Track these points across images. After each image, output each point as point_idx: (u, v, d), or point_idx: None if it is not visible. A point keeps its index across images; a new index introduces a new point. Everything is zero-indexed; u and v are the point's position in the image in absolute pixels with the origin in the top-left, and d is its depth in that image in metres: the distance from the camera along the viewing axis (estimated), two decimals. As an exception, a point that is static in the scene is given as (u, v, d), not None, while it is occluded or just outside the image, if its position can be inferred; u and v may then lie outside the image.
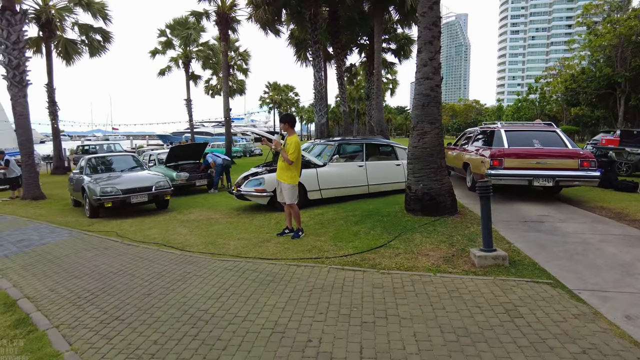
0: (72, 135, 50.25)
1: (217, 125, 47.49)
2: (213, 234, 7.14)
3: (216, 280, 4.79)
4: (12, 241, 7.51)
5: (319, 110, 17.00)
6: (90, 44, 21.39)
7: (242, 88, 36.04)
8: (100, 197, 8.95)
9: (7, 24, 12.53)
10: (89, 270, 5.49)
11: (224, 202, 10.64)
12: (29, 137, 13.07)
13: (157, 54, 28.65)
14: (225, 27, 21.34)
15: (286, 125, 6.37)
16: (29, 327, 3.89)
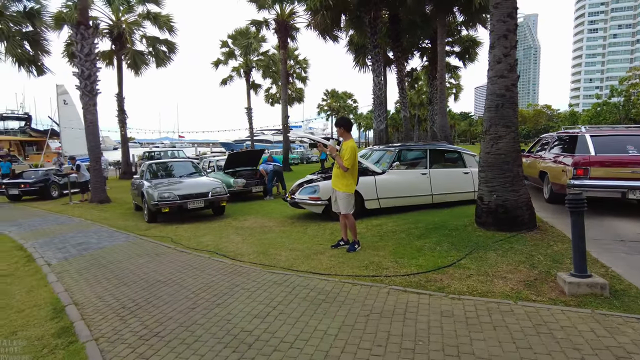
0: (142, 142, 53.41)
1: (276, 133, 48.26)
2: (265, 243, 6.82)
3: (264, 296, 4.40)
4: (73, 244, 7.68)
5: (377, 116, 16.41)
6: (156, 55, 22.43)
7: (300, 96, 36.22)
8: (158, 202, 9.01)
9: (81, 38, 13.28)
10: (137, 278, 5.35)
11: (279, 209, 10.38)
12: (97, 144, 13.73)
13: (219, 64, 29.56)
14: (284, 35, 21.47)
15: (342, 130, 5.91)
16: (70, 338, 3.71)
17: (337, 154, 5.83)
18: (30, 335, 3.84)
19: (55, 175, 16.80)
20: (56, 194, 16.28)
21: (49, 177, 16.46)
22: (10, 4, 17.93)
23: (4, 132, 36.73)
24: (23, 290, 5.18)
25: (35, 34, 18.93)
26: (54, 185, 16.33)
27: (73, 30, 13.80)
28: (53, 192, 16.23)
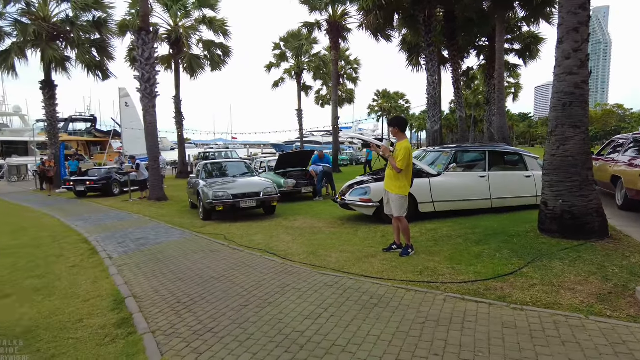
0: (198, 143, 55.51)
1: (325, 134, 48.38)
2: (315, 244, 6.78)
3: (315, 297, 4.35)
4: (132, 239, 8.05)
5: (432, 116, 15.97)
6: (211, 59, 23.22)
7: (351, 97, 36.09)
8: (212, 200, 9.26)
9: (143, 43, 13.97)
10: (192, 274, 5.48)
11: (328, 210, 10.33)
12: (156, 144, 14.39)
13: (272, 67, 30.11)
14: (335, 36, 21.48)
15: (395, 129, 5.74)
16: (130, 329, 3.84)
17: (390, 154, 5.67)
18: (94, 324, 4.03)
19: (117, 173, 17.80)
20: (117, 191, 17.24)
21: (111, 175, 17.48)
22: (81, 15, 19.28)
23: (72, 133, 39.42)
24: (88, 281, 5.47)
25: (102, 41, 20.28)
26: (115, 182, 17.32)
27: (135, 36, 14.56)
28: (114, 190, 17.20)
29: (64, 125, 35.80)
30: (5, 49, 18.88)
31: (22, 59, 19.22)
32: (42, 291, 5.13)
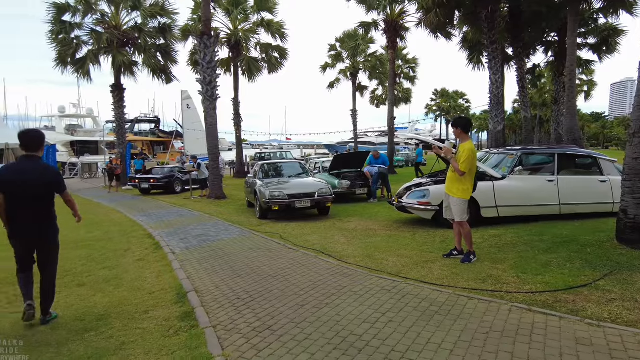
0: (254, 144, 56.98)
1: (380, 134, 47.84)
2: (371, 247, 6.69)
3: (372, 301, 4.27)
4: (194, 235, 8.37)
5: (494, 116, 15.26)
6: (269, 61, 23.72)
7: (407, 97, 35.44)
8: (269, 200, 9.43)
9: (204, 47, 14.54)
10: (250, 271, 5.59)
11: (383, 213, 10.17)
12: (216, 144, 14.93)
13: (327, 67, 30.19)
14: (393, 35, 21.18)
15: (459, 130, 5.52)
16: (192, 322, 3.97)
17: (452, 156, 5.47)
18: (158, 316, 4.21)
19: (179, 172, 18.66)
20: (179, 189, 18.08)
21: (173, 174, 18.37)
22: (148, 22, 20.46)
23: (137, 134, 41.89)
24: (153, 275, 5.74)
25: (166, 46, 21.40)
26: (177, 181, 18.18)
27: (197, 40, 15.19)
28: (176, 188, 18.06)
29: (130, 126, 38.07)
30: (82, 57, 20.42)
31: (96, 65, 20.71)
32: (112, 282, 5.46)
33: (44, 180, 4.04)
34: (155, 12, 20.10)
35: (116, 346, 3.58)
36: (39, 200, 4.03)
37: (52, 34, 19.50)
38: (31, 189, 3.96)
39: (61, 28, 19.49)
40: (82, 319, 4.22)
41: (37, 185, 3.99)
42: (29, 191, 3.96)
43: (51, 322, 4.12)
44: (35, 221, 4.03)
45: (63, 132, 39.30)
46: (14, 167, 4.18)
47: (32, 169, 4.01)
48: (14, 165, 4.23)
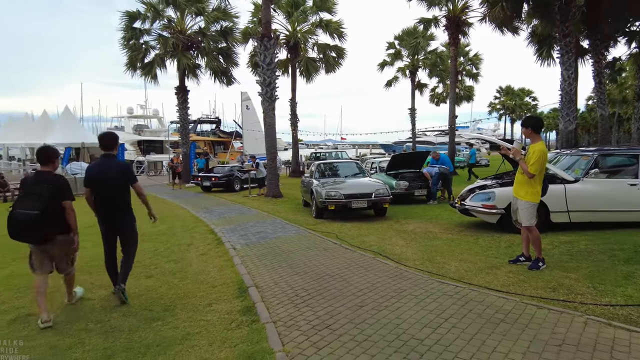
0: (308, 143, 57.64)
1: (439, 134, 46.51)
2: (431, 250, 6.50)
3: (434, 306, 4.14)
4: (253, 232, 8.58)
5: (565, 115, 14.24)
6: (326, 61, 23.86)
7: (470, 94, 34.25)
8: (325, 199, 9.46)
9: (264, 49, 14.87)
10: (308, 269, 5.63)
11: (444, 215, 9.85)
12: (274, 144, 15.23)
13: (385, 65, 29.86)
14: (455, 31, 20.46)
15: (529, 130, 5.22)
16: (253, 317, 4.06)
17: (521, 158, 5.17)
18: (221, 309, 4.35)
19: (238, 171, 19.26)
20: (238, 187, 18.69)
21: (233, 173, 19.02)
22: (211, 25, 21.32)
23: (199, 134, 43.75)
24: (215, 269, 5.95)
25: (228, 49, 22.17)
26: (236, 179, 18.79)
27: (257, 42, 15.56)
28: (236, 186, 18.68)
29: (193, 126, 39.81)
30: (149, 61, 21.70)
31: (162, 68, 21.91)
32: (177, 275, 5.72)
33: (119, 175, 4.64)
34: (218, 16, 20.90)
35: (182, 336, 3.73)
36: (116, 192, 4.62)
37: (124, 40, 20.94)
38: (110, 182, 4.58)
39: (132, 34, 20.85)
40: (150, 308, 4.46)
41: (114, 179, 4.59)
42: (109, 185, 4.58)
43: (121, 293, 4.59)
44: (115, 209, 4.66)
45: (131, 132, 41.96)
46: (96, 166, 4.83)
47: (109, 166, 4.65)
48: (96, 164, 4.86)
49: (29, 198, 4.08)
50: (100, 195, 4.62)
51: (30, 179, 4.36)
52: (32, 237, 4.14)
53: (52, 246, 4.22)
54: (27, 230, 4.03)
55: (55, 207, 4.09)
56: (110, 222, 4.70)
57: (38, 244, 4.20)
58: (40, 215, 3.97)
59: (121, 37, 20.96)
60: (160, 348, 3.50)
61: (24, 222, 3.99)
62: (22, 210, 4.02)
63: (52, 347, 3.60)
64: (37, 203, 4.00)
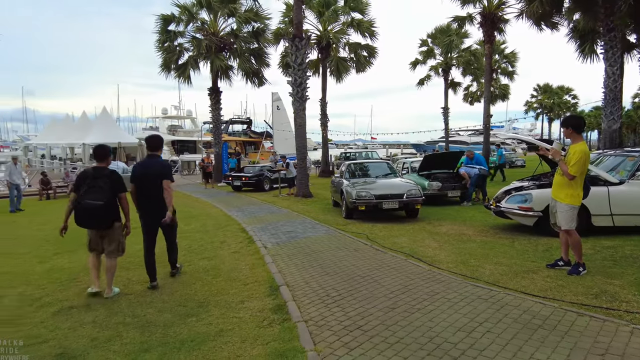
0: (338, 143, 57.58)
1: (473, 133, 45.41)
2: (465, 253, 6.35)
3: (468, 310, 4.04)
4: (283, 231, 8.64)
5: (609, 113, 13.59)
6: (357, 61, 23.73)
7: (505, 93, 33.29)
8: (355, 200, 9.40)
9: (296, 49, 14.94)
10: (338, 270, 5.62)
11: (478, 217, 9.62)
12: (304, 144, 15.29)
13: (417, 64, 29.44)
14: (490, 28, 19.89)
15: (569, 130, 5.02)
16: (285, 316, 4.09)
17: (561, 158, 4.98)
18: (253, 307, 4.40)
19: (268, 171, 19.43)
20: (267, 187, 18.86)
21: (263, 173, 19.20)
22: (243, 27, 21.60)
23: (231, 134, 44.45)
24: (247, 267, 6.03)
25: (259, 50, 22.41)
26: (266, 179, 18.97)
27: (289, 43, 15.65)
28: (265, 186, 18.85)
29: (225, 126, 40.50)
30: (183, 62, 22.21)
31: (195, 69, 22.39)
32: (211, 272, 5.83)
33: (159, 173, 5.10)
34: (250, 17, 21.16)
35: (215, 332, 3.80)
36: (156, 188, 5.06)
37: (158, 42, 21.52)
38: (151, 179, 5.08)
39: (166, 37, 21.40)
40: (184, 304, 4.57)
41: (155, 177, 5.07)
42: (151, 181, 5.08)
43: (177, 274, 5.55)
44: (155, 203, 5.10)
45: (165, 132, 43.12)
46: (141, 164, 5.52)
47: (152, 165, 5.20)
48: (141, 163, 5.61)
49: (93, 190, 4.66)
50: (142, 190, 5.12)
51: (90, 173, 4.84)
52: (97, 224, 4.79)
53: (109, 231, 4.86)
54: (93, 218, 4.69)
55: (111, 199, 4.73)
56: (150, 215, 5.16)
57: (99, 229, 4.83)
58: (104, 205, 4.64)
59: (156, 40, 21.57)
60: (195, 343, 3.58)
61: (90, 211, 4.62)
62: (89, 201, 4.62)
63: (93, 339, 3.74)
64: (101, 195, 4.65)
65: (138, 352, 3.48)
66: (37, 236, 9.08)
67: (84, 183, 4.78)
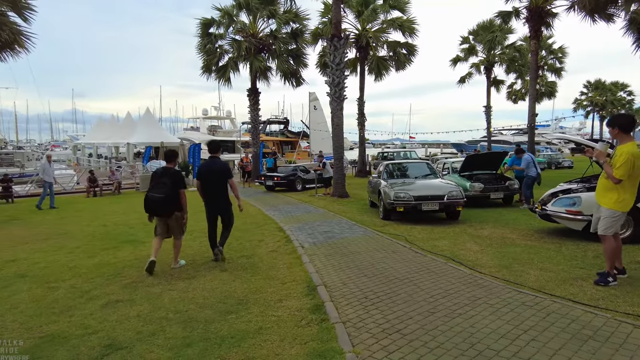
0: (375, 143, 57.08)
1: (516, 133, 43.81)
2: (508, 257, 6.14)
3: (511, 316, 3.90)
4: (320, 231, 8.65)
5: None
6: (397, 59, 23.38)
7: (552, 90, 31.88)
8: (393, 201, 9.28)
9: (334, 49, 14.93)
10: (376, 271, 5.56)
11: (522, 220, 9.26)
12: (341, 144, 15.25)
13: (458, 61, 28.69)
14: (537, 23, 19.00)
15: (616, 130, 4.67)
16: (322, 316, 4.09)
17: (605, 160, 4.68)
18: (291, 306, 4.43)
19: (301, 171, 19.43)
20: (300, 187, 18.79)
21: (295, 173, 19.19)
22: (282, 28, 21.82)
23: (268, 134, 45.05)
24: (284, 266, 6.09)
25: (297, 50, 22.56)
26: (298, 179, 18.96)
27: (327, 42, 15.65)
28: (297, 186, 18.81)
29: (262, 127, 41.11)
30: (223, 64, 22.68)
31: (235, 71, 22.80)
32: (249, 270, 5.92)
33: (221, 171, 6.31)
34: (289, 18, 21.35)
35: (255, 330, 3.86)
36: (218, 184, 6.27)
37: (199, 45, 22.09)
38: (214, 176, 6.27)
39: (207, 40, 21.93)
40: (224, 302, 4.66)
41: (217, 174, 6.27)
42: (213, 178, 6.26)
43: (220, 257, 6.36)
44: (217, 196, 6.31)
45: (206, 132, 44.25)
46: (206, 164, 6.53)
47: (215, 165, 6.34)
48: (206, 163, 6.58)
49: (158, 186, 5.77)
50: (206, 185, 6.27)
51: (159, 172, 6.01)
52: (160, 213, 5.86)
53: (170, 219, 5.92)
54: (156, 208, 5.80)
55: (174, 193, 5.77)
56: (212, 206, 6.36)
57: (162, 217, 5.90)
58: (164, 198, 5.69)
59: (197, 43, 22.16)
60: (235, 340, 3.64)
61: (154, 202, 5.72)
62: (153, 194, 5.74)
63: (138, 332, 3.89)
64: (163, 189, 5.72)
65: (181, 346, 3.58)
66: (85, 231, 9.55)
67: (154, 179, 5.97)
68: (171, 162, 6.11)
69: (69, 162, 38.04)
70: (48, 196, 14.50)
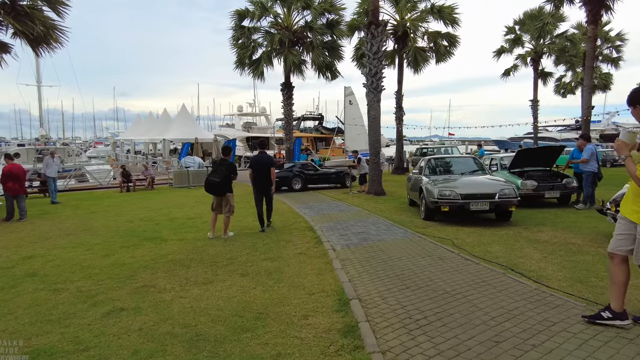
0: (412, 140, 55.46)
1: (563, 129, 41.12)
2: (580, 268, 5.12)
3: (605, 352, 2.98)
4: (354, 232, 7.82)
5: None
6: (437, 51, 22.13)
7: (606, 83, 29.47)
8: (437, 199, 8.32)
9: (371, 37, 14.02)
10: (422, 283, 4.70)
11: (583, 223, 8.10)
12: (377, 139, 14.33)
13: (502, 53, 26.95)
14: (595, 6, 17.26)
15: (638, 109, 3.42)
16: (356, 342, 3.29)
17: (628, 155, 3.36)
18: (318, 324, 3.67)
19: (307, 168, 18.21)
20: (299, 186, 16.46)
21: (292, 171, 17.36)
22: (317, 19, 21.04)
23: (303, 130, 44.44)
24: (313, 272, 5.32)
25: (333, 42, 21.71)
26: (296, 178, 16.92)
27: (364, 30, 14.76)
28: (295, 185, 16.25)
29: (297, 123, 40.56)
30: (256, 58, 22.13)
31: (269, 65, 22.21)
32: (273, 275, 5.21)
33: (267, 163, 8.30)
34: (325, 9, 20.55)
35: (271, 356, 3.12)
36: (265, 172, 8.21)
37: (233, 39, 21.63)
38: (262, 166, 8.23)
39: (241, 33, 21.43)
40: (241, 314, 3.95)
41: (264, 165, 8.25)
42: (262, 167, 8.22)
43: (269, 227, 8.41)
44: (264, 181, 8.25)
45: (241, 129, 44.21)
46: (256, 157, 8.44)
47: (263, 158, 8.37)
48: (256, 156, 8.47)
49: (216, 172, 7.67)
50: (257, 173, 8.24)
51: (218, 161, 8.30)
52: (216, 193, 7.64)
53: (224, 198, 7.65)
54: (213, 189, 7.61)
55: (227, 178, 7.59)
56: (260, 189, 8.29)
57: (218, 196, 7.68)
58: (220, 182, 7.53)
59: (231, 37, 21.73)
60: (245, 371, 2.91)
61: (212, 184, 7.57)
62: (212, 178, 7.64)
63: (134, 353, 3.24)
64: (219, 175, 7.57)
65: (179, 376, 2.88)
66: (110, 227, 9.15)
67: (214, 167, 8.41)
68: (227, 155, 8.01)
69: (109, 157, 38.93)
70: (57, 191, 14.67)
